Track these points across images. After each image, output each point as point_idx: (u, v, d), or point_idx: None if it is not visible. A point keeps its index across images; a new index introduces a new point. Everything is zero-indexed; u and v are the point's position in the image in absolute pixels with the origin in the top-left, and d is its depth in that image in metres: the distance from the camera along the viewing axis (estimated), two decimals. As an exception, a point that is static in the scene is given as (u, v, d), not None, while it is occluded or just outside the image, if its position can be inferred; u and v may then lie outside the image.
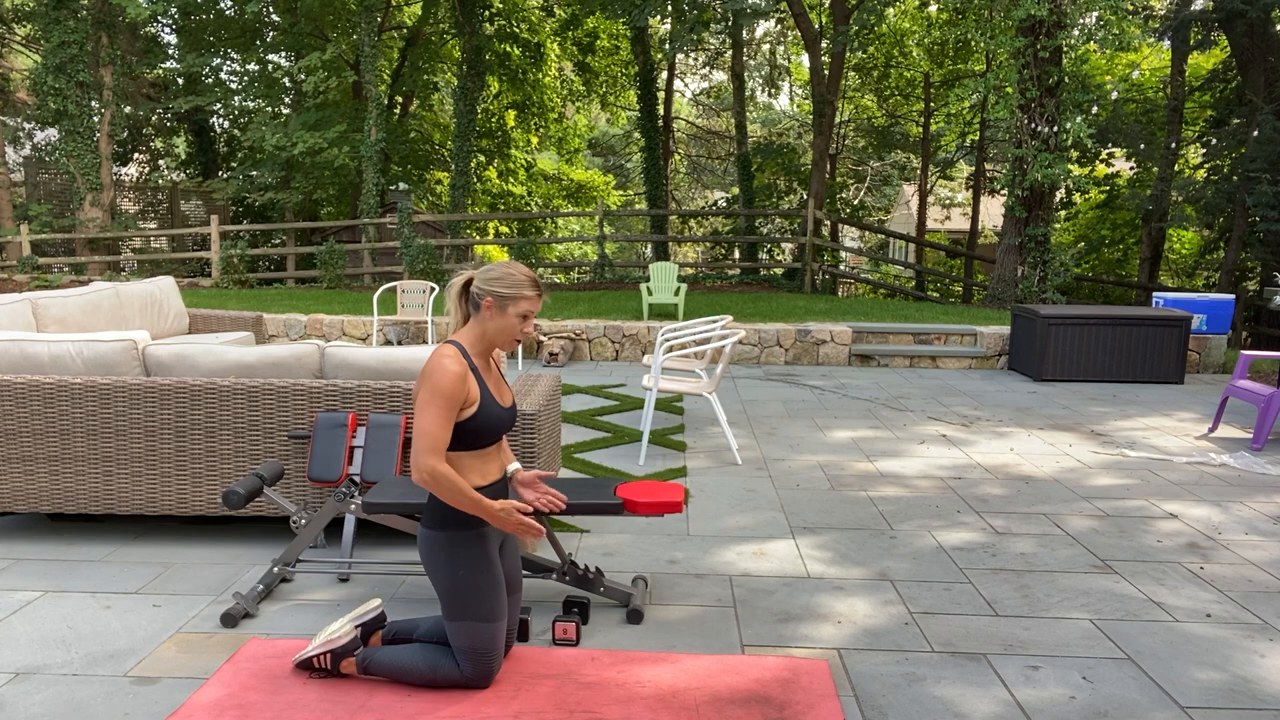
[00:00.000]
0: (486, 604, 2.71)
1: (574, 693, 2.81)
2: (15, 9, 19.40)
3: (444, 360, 2.60)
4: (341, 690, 2.81)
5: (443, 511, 2.70)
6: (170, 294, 7.46)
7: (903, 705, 2.80)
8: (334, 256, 14.69)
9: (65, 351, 4.16)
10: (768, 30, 25.29)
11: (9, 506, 4.09)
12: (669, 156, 23.09)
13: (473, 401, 2.66)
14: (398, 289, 9.56)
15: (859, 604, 3.53)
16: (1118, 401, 7.78)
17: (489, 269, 2.71)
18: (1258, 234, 14.49)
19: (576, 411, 6.93)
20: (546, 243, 18.58)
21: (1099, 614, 3.46)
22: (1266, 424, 6.07)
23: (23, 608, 3.44)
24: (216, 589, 3.62)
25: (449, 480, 2.58)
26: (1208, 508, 4.82)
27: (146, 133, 22.08)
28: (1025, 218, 12.02)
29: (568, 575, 3.45)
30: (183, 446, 4.00)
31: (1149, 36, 15.67)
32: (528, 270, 2.73)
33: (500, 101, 23.12)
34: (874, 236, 30.83)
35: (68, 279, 14.29)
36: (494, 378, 2.82)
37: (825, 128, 16.82)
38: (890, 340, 9.80)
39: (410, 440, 3.97)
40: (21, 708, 2.74)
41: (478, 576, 2.71)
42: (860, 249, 23.27)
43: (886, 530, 4.39)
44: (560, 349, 9.26)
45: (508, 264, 2.73)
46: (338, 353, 4.16)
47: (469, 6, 17.21)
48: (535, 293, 2.71)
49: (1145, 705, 2.81)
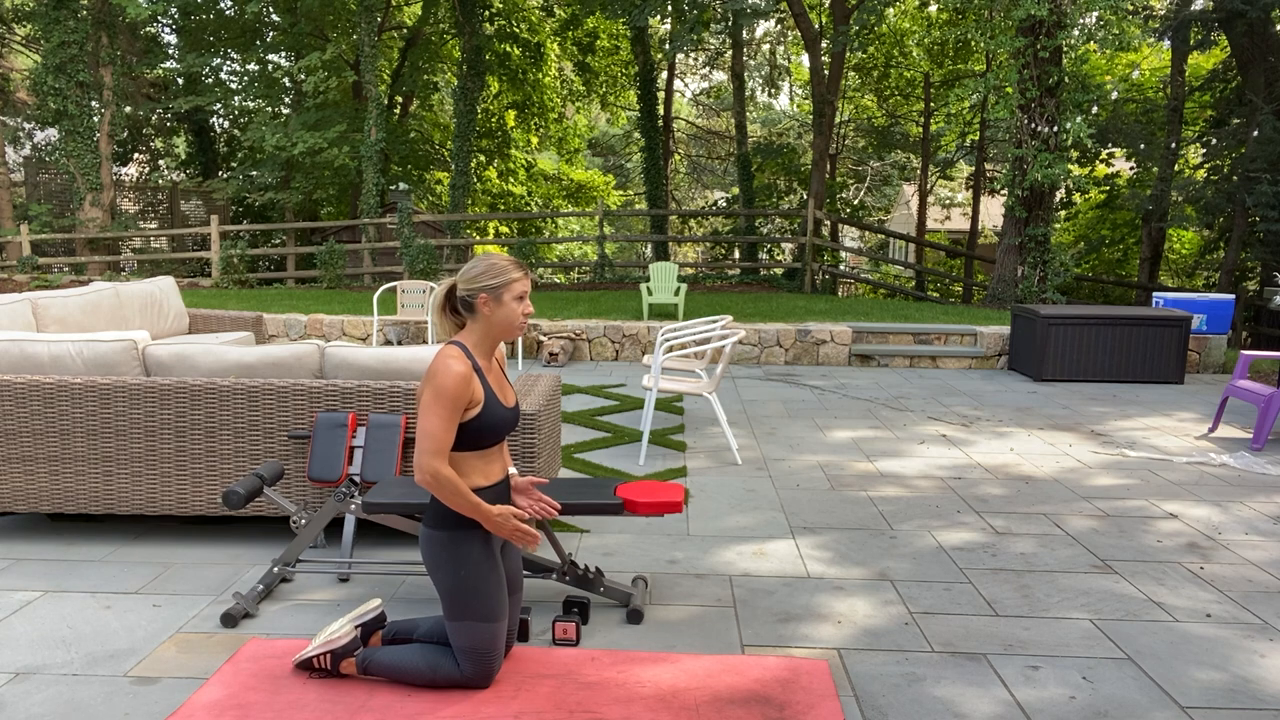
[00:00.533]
0: (487, 604, 2.72)
1: (574, 693, 2.81)
2: (15, 9, 19.40)
3: (448, 361, 2.60)
4: (341, 690, 2.81)
5: (445, 512, 2.70)
6: (170, 294, 7.47)
7: (903, 705, 2.80)
8: (334, 256, 14.69)
9: (65, 351, 4.16)
10: (768, 30, 25.29)
11: (9, 506, 4.09)
12: (669, 156, 23.08)
13: (477, 402, 2.67)
14: (398, 289, 9.56)
15: (859, 604, 3.53)
16: (1118, 401, 7.78)
17: (467, 270, 2.72)
18: (1258, 234, 14.49)
19: (576, 411, 6.93)
20: (546, 243, 18.58)
21: (1099, 614, 3.46)
22: (1266, 424, 6.07)
23: (23, 608, 3.44)
24: (216, 589, 3.62)
25: (451, 483, 2.59)
26: (1208, 508, 4.82)
27: (146, 133, 22.08)
28: (1025, 218, 12.02)
29: (568, 575, 3.45)
30: (183, 446, 4.00)
31: (1149, 36, 15.67)
32: (506, 256, 2.75)
33: (500, 101, 23.12)
34: (874, 236, 30.84)
35: (68, 279, 14.29)
36: (497, 377, 2.82)
37: (825, 128, 16.82)
38: (890, 340, 9.80)
39: (410, 440, 3.97)
40: (21, 708, 2.75)
41: (479, 577, 2.71)
42: (860, 249, 23.28)
43: (886, 530, 4.39)
44: (560, 349, 9.26)
45: (483, 257, 2.75)
46: (338, 353, 4.16)
47: (469, 6, 17.20)
48: (521, 272, 2.73)
49: (1145, 705, 2.81)
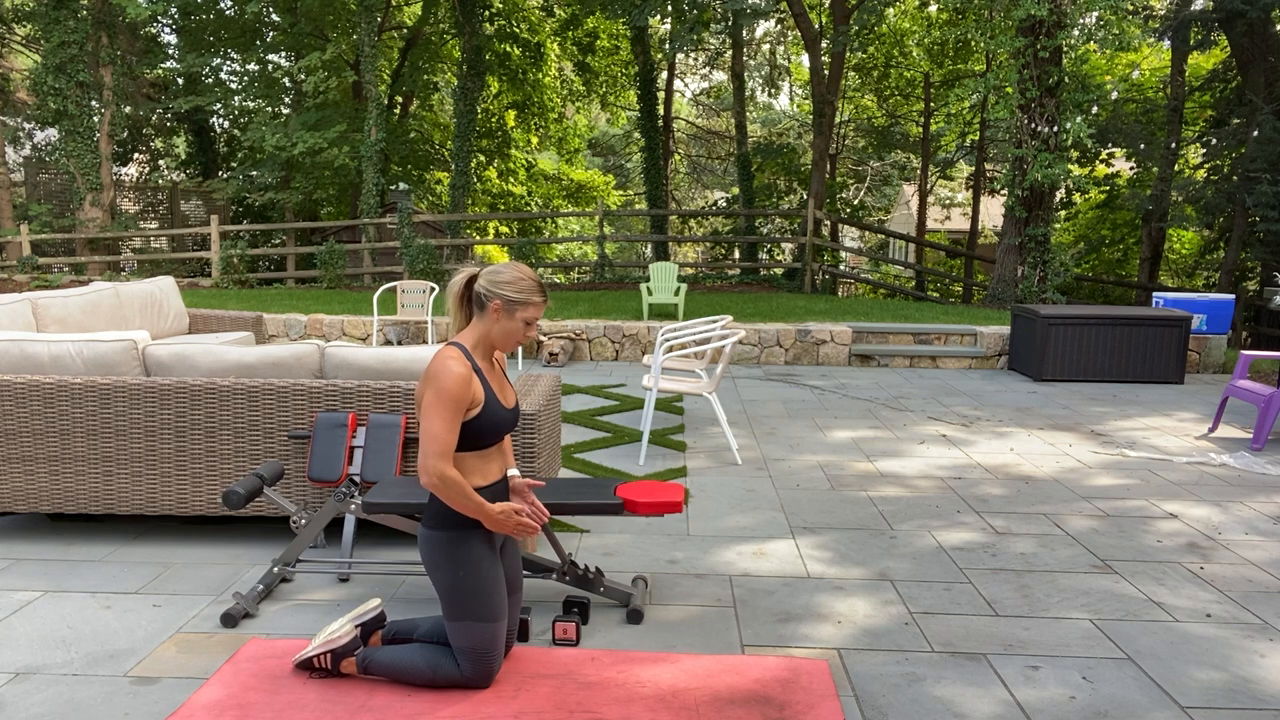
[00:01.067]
0: (487, 604, 2.72)
1: (574, 693, 2.81)
2: (15, 9, 19.40)
3: (448, 363, 2.59)
4: (341, 690, 2.81)
5: (444, 512, 2.70)
6: (170, 294, 7.46)
7: (903, 705, 2.80)
8: (334, 256, 14.69)
9: (65, 351, 4.16)
10: (768, 30, 25.29)
11: (9, 506, 4.09)
12: (669, 156, 23.08)
13: (478, 403, 2.66)
14: (398, 289, 9.56)
15: (859, 604, 3.53)
16: (1118, 401, 7.78)
17: (497, 270, 2.70)
18: (1258, 234, 14.49)
19: (576, 411, 6.93)
20: (547, 243, 18.58)
21: (1099, 614, 3.46)
22: (1266, 424, 6.07)
23: (23, 608, 3.44)
24: (216, 589, 3.62)
25: (456, 485, 2.59)
26: (1208, 508, 4.82)
27: (146, 133, 22.07)
28: (1025, 218, 12.02)
29: (568, 575, 3.45)
30: (183, 446, 4.00)
31: (1149, 36, 15.67)
32: (534, 275, 2.74)
33: (500, 101, 23.11)
34: (874, 236, 30.84)
35: (68, 279, 14.29)
36: (497, 378, 2.82)
37: (825, 128, 16.82)
38: (890, 340, 9.80)
39: (410, 440, 3.97)
40: (21, 708, 2.74)
41: (478, 577, 2.71)
42: (860, 249, 23.27)
43: (886, 530, 4.39)
44: (560, 349, 9.26)
45: (516, 267, 2.72)
46: (338, 353, 4.16)
47: (469, 7, 17.20)
48: (541, 299, 2.73)
49: (1145, 705, 2.81)
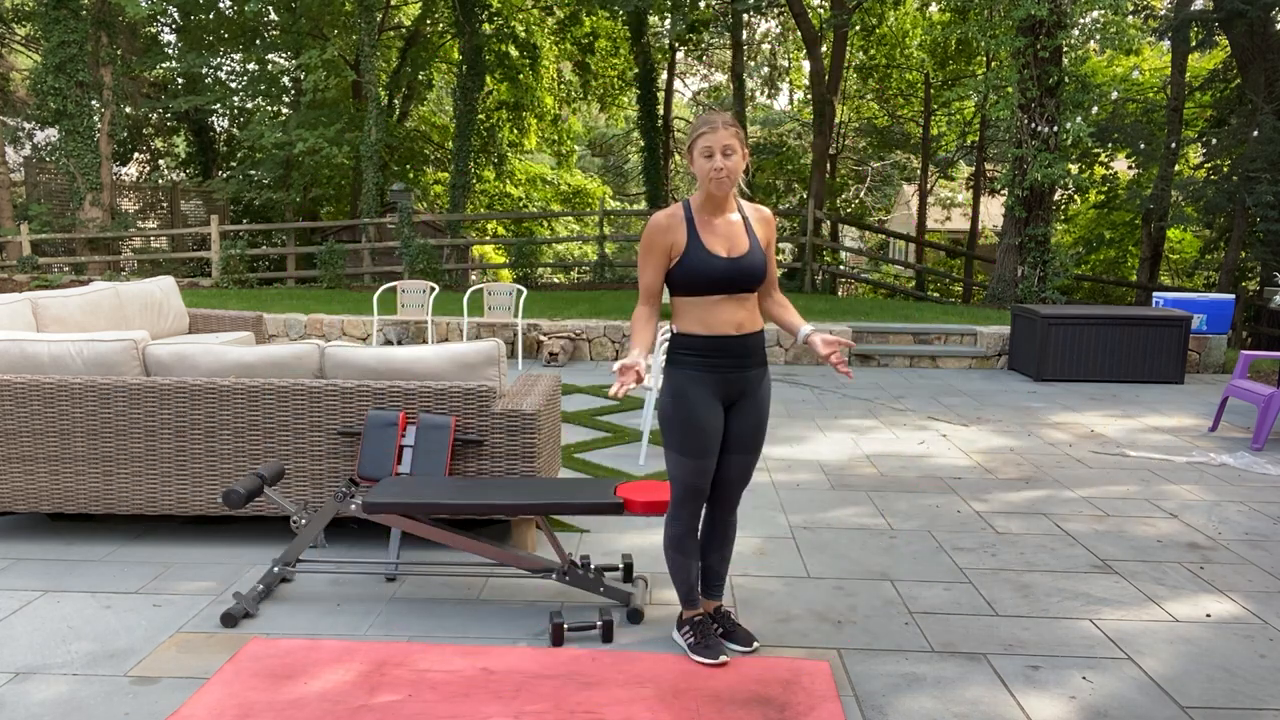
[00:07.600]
0: (680, 438, 2.92)
1: (574, 693, 2.81)
2: (15, 9, 19.39)
3: (655, 214, 2.86)
4: (341, 690, 2.81)
5: (672, 350, 2.95)
6: (170, 294, 7.46)
7: (903, 705, 2.80)
8: (334, 256, 14.68)
9: (65, 351, 4.16)
10: (768, 30, 25.28)
11: (9, 506, 4.09)
12: (669, 157, 23.08)
13: (679, 250, 2.84)
14: (398, 289, 9.56)
15: (859, 604, 3.53)
16: (1118, 401, 7.78)
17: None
18: (1258, 234, 14.48)
19: (576, 411, 6.93)
20: (547, 242, 18.57)
21: (1099, 614, 3.46)
22: (1266, 424, 6.07)
23: (23, 608, 3.44)
24: (216, 589, 3.62)
25: (635, 321, 2.91)
26: (1208, 508, 4.82)
27: (146, 133, 22.07)
28: (1025, 218, 12.02)
29: (568, 575, 3.45)
30: (183, 446, 4.00)
31: (1149, 36, 15.66)
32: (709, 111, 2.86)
33: (498, 101, 23.06)
34: (874, 236, 30.80)
35: (68, 279, 14.29)
36: (719, 231, 2.87)
37: (825, 128, 16.82)
38: (890, 340, 9.80)
39: (459, 441, 3.97)
40: (21, 708, 2.74)
41: (677, 412, 2.91)
42: (860, 249, 23.27)
43: (886, 530, 4.39)
44: (560, 349, 9.26)
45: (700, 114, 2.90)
46: (338, 353, 4.16)
47: (468, 7, 17.20)
48: (708, 128, 2.77)
49: (1145, 705, 2.81)
